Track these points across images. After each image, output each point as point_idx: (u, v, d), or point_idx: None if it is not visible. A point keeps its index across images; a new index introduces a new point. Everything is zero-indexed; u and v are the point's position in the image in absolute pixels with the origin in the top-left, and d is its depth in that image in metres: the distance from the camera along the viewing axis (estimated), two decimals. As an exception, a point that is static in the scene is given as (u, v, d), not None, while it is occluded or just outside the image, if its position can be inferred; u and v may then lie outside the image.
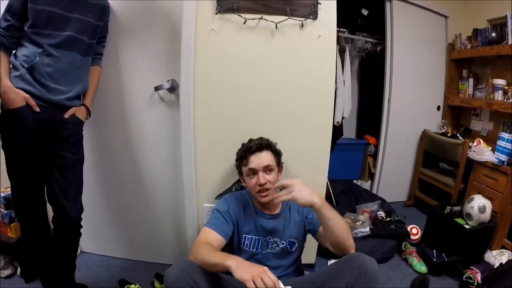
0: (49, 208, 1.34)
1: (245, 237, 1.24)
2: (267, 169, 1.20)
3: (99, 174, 1.70)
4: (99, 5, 1.36)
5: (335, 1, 1.47)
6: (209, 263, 0.97)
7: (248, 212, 1.25)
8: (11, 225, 1.73)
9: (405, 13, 2.60)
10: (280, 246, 1.23)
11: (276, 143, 1.28)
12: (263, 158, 1.20)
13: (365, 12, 2.87)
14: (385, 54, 2.63)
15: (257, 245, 1.23)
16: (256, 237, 1.24)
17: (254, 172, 1.20)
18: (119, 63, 1.56)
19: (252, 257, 1.21)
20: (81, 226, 1.38)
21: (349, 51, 2.64)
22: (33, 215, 1.32)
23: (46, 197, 1.34)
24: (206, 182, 1.56)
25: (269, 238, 1.24)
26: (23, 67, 1.20)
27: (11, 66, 1.23)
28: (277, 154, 1.27)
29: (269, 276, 0.85)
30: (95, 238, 1.83)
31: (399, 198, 2.90)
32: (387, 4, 2.58)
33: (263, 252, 1.23)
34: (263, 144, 1.23)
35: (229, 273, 0.90)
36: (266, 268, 0.88)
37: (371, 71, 2.94)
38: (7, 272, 1.71)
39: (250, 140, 1.28)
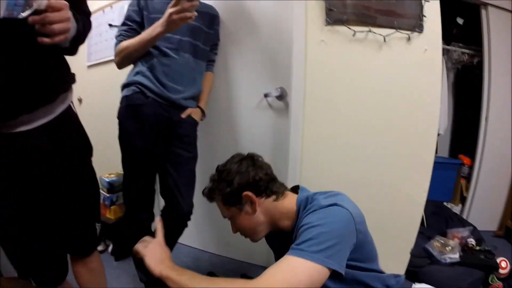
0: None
1: None
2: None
3: (202, 172, 1.83)
4: (208, 14, 1.52)
5: (440, 14, 1.50)
6: None
7: None
8: (111, 207, 2.00)
9: (503, 21, 2.45)
10: None
11: (231, 174, 0.98)
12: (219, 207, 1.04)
13: (460, 21, 2.77)
14: (483, 67, 2.49)
15: None
16: None
17: None
18: (228, 70, 1.72)
19: None
20: (190, 220, 1.47)
21: (445, 63, 2.56)
22: (141, 206, 1.44)
23: (160, 191, 1.46)
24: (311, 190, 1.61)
25: None
26: (143, 65, 1.36)
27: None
28: (225, 197, 0.99)
29: None
30: (187, 230, 2.00)
31: (489, 227, 2.70)
32: (483, 12, 2.46)
33: None
34: (205, 194, 1.07)
35: None
36: None
37: (468, 85, 2.81)
38: (99, 248, 1.97)
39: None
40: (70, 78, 0.95)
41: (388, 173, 1.48)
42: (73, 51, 0.92)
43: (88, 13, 0.95)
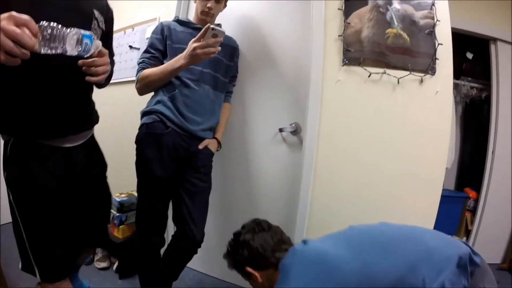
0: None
1: None
2: None
3: (215, 201, 1.84)
4: (229, 46, 1.57)
5: (452, 57, 1.55)
6: None
7: None
8: (120, 227, 2.01)
9: (512, 56, 2.51)
10: None
11: (236, 247, 1.11)
12: None
13: (469, 55, 2.85)
14: (491, 101, 2.56)
15: None
16: None
17: None
18: (245, 102, 1.77)
19: None
20: (200, 247, 1.47)
21: (453, 97, 2.63)
22: (153, 230, 1.46)
23: (172, 217, 1.48)
24: (319, 225, 1.61)
25: None
26: (164, 95, 1.40)
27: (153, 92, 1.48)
28: (234, 267, 1.14)
29: None
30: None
31: (493, 259, 2.71)
32: (492, 47, 2.54)
33: None
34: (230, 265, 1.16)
35: None
36: None
37: (475, 119, 2.87)
38: (103, 264, 1.98)
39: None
40: (96, 112, 1.20)
41: (396, 210, 1.51)
42: (104, 86, 1.18)
43: (113, 54, 1.22)
